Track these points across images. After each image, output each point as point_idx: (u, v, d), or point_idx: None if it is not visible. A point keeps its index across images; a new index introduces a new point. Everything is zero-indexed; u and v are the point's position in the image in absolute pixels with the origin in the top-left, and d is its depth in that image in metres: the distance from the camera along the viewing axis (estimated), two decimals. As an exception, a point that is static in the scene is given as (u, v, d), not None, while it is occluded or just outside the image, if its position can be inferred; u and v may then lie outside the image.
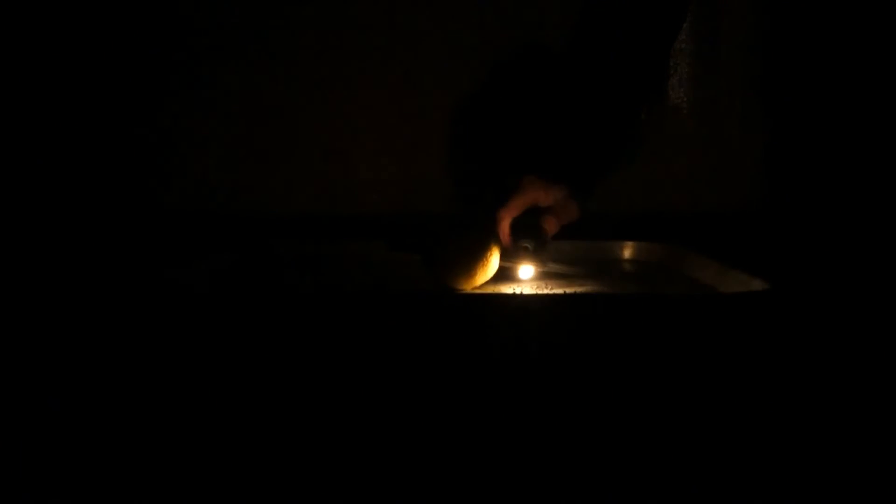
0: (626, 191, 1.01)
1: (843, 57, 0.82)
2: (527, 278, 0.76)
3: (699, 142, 1.02)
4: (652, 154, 1.01)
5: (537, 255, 0.76)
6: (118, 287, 0.62)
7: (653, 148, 1.01)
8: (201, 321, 0.58)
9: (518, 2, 0.98)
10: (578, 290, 0.71)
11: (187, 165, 1.01)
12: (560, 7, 0.95)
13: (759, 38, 0.92)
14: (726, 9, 0.98)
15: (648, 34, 0.78)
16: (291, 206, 1.02)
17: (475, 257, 0.68)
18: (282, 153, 1.02)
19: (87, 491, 0.50)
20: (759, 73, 0.93)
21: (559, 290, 0.71)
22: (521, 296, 0.68)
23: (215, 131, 1.01)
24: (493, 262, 0.70)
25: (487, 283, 0.71)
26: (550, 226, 0.77)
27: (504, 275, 0.75)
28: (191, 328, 0.57)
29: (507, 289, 0.72)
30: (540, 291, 0.71)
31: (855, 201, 0.80)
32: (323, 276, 0.82)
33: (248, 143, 1.01)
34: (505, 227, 0.75)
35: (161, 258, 0.76)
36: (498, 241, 0.72)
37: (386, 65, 1.00)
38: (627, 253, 0.91)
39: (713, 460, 0.53)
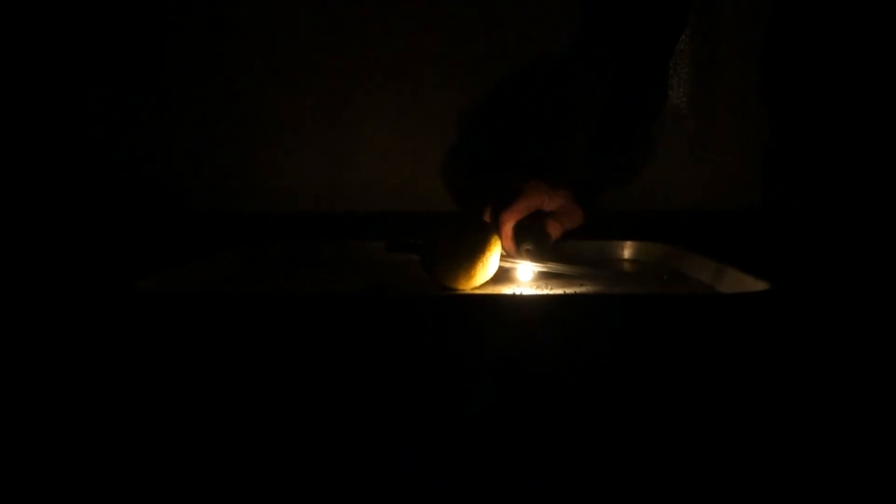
0: (626, 191, 1.01)
1: (843, 57, 0.81)
2: (526, 279, 0.76)
3: (699, 142, 1.02)
4: (652, 154, 1.01)
5: (538, 257, 0.76)
6: (114, 290, 0.62)
7: (653, 148, 1.01)
8: (197, 323, 0.57)
9: (520, 5, 0.98)
10: (578, 290, 0.71)
11: (186, 166, 1.01)
12: (563, 10, 0.95)
13: (758, 38, 0.92)
14: (726, 9, 0.98)
15: (650, 38, 0.78)
16: (291, 206, 1.02)
17: (475, 257, 0.68)
18: (282, 153, 1.02)
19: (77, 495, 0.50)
20: (758, 73, 0.93)
21: (559, 290, 0.71)
22: (521, 296, 0.68)
23: (215, 131, 1.01)
24: (493, 262, 0.70)
25: (487, 283, 0.71)
26: (554, 230, 0.77)
27: (504, 275, 0.75)
28: (186, 330, 0.57)
29: (507, 289, 0.72)
30: (540, 291, 0.71)
31: (855, 201, 0.80)
32: (322, 276, 0.82)
33: (248, 143, 1.01)
34: (507, 231, 0.75)
35: (159, 259, 0.76)
36: (498, 241, 0.72)
37: (387, 65, 1.00)
38: (627, 253, 0.91)
39: (713, 460, 0.53)
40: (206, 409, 0.54)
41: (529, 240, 0.75)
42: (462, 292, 0.69)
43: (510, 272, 0.76)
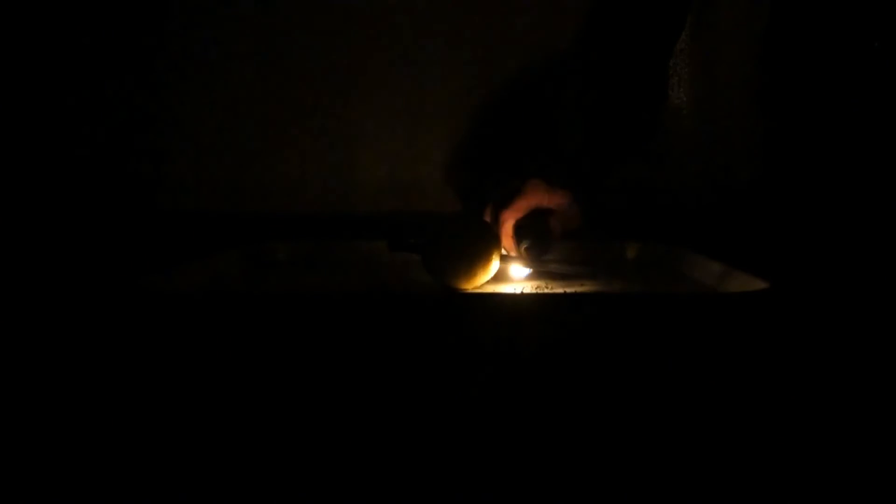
0: (626, 191, 1.01)
1: (842, 56, 0.82)
2: (526, 278, 0.76)
3: (699, 142, 1.02)
4: (652, 154, 1.01)
5: (539, 256, 0.76)
6: (116, 290, 0.62)
7: (653, 148, 1.01)
8: (198, 324, 0.58)
9: (522, 6, 0.98)
10: (578, 290, 0.71)
11: (187, 165, 1.01)
12: (564, 10, 0.95)
13: (758, 38, 0.92)
14: (726, 8, 0.99)
15: (650, 38, 0.79)
16: (292, 206, 1.02)
17: (475, 257, 0.68)
18: (282, 153, 1.02)
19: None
20: (758, 72, 0.93)
21: (559, 290, 0.71)
22: (521, 296, 0.68)
23: (215, 130, 1.01)
24: (494, 262, 0.70)
25: (487, 283, 0.71)
26: (554, 229, 0.77)
27: (504, 275, 0.75)
28: (187, 331, 0.57)
29: (508, 289, 0.72)
30: (540, 291, 0.71)
31: (854, 200, 0.80)
32: (323, 276, 0.82)
33: (248, 143, 1.01)
34: (508, 229, 0.75)
35: (160, 259, 0.76)
36: (498, 241, 0.72)
37: (388, 65, 1.00)
38: (627, 253, 0.91)
39: (713, 460, 0.53)
40: (207, 408, 0.54)
41: (529, 239, 0.75)
42: (462, 292, 0.69)
43: (510, 272, 0.76)
